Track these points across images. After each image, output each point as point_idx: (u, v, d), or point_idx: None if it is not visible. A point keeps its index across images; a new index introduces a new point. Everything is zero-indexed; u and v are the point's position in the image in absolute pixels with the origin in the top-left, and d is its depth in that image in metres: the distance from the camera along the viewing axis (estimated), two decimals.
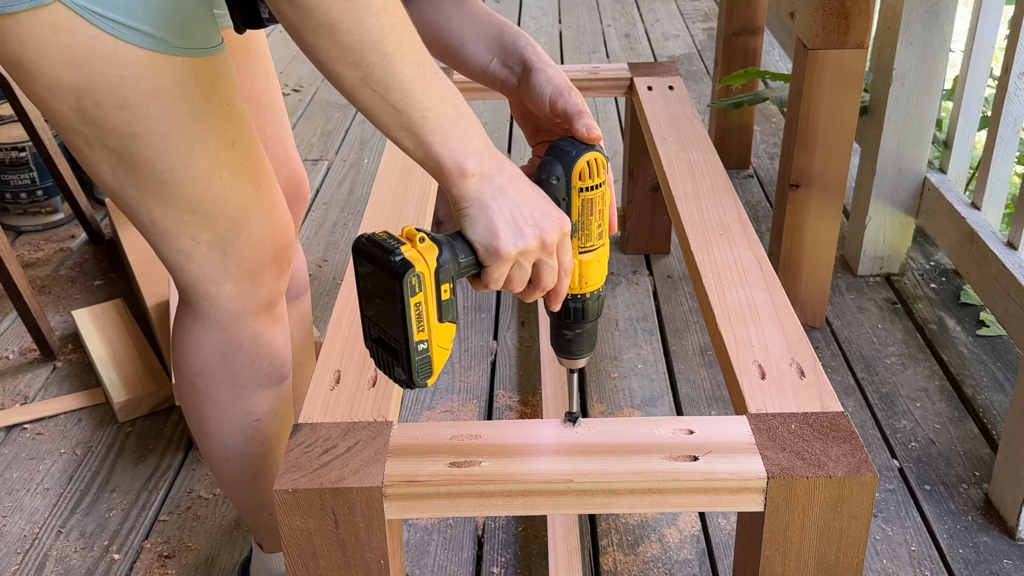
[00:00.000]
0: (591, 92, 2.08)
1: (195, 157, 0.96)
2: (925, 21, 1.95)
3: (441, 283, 0.81)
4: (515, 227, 0.82)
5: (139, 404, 1.83)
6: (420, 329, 0.81)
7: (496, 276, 0.84)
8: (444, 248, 0.81)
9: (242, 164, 1.01)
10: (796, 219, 1.92)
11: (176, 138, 0.94)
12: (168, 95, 0.92)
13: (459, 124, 0.80)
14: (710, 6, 4.27)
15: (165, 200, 0.98)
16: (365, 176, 2.82)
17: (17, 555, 1.54)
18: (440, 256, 0.81)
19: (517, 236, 0.82)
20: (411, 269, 0.78)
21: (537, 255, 0.84)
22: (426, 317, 0.81)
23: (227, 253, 1.03)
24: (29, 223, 2.52)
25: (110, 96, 0.90)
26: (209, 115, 0.96)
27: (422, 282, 0.79)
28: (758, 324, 1.16)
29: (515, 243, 0.82)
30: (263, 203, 1.05)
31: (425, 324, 0.81)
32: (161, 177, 0.96)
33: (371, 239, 0.81)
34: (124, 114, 0.91)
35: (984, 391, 1.84)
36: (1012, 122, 1.82)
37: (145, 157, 0.94)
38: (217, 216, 1.01)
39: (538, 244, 0.83)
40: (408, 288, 0.78)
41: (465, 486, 0.93)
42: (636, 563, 1.49)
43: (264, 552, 1.35)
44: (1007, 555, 1.49)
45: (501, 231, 0.82)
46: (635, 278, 2.25)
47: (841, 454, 0.95)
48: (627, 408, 1.83)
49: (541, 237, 0.83)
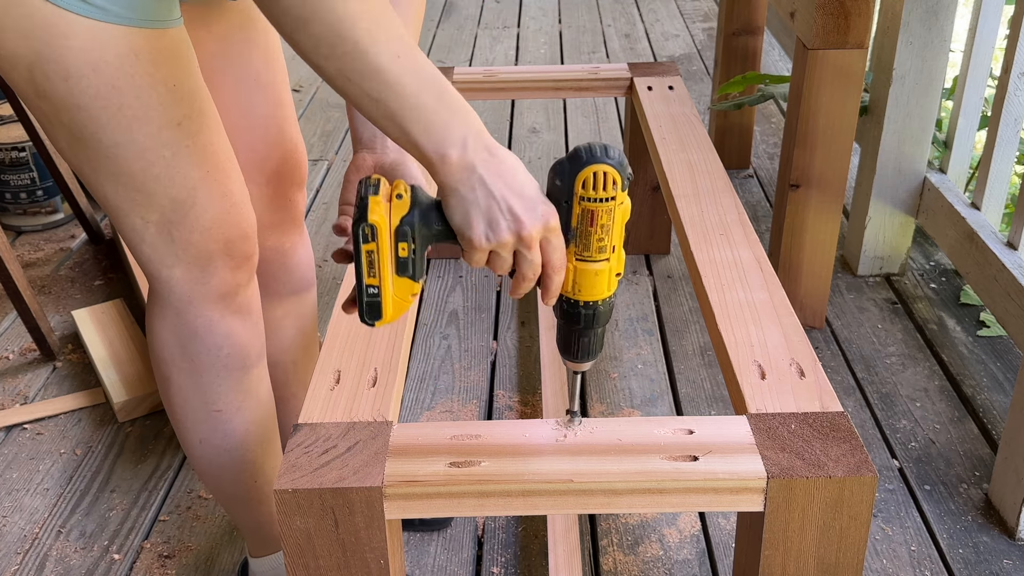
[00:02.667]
0: (591, 92, 2.08)
1: (135, 132, 0.96)
2: (925, 21, 1.95)
3: (399, 241, 0.85)
4: (490, 220, 0.83)
5: (139, 404, 1.83)
6: (371, 275, 0.86)
7: (474, 259, 0.86)
8: (417, 211, 0.85)
9: (188, 146, 1.00)
10: (796, 219, 1.92)
11: (116, 111, 0.94)
12: (108, 67, 0.92)
13: (440, 113, 0.81)
14: (710, 6, 4.27)
15: (113, 176, 0.98)
16: None
17: (17, 555, 1.54)
18: (407, 216, 0.85)
19: (490, 229, 0.83)
20: (363, 220, 0.84)
21: (515, 247, 0.85)
22: (379, 266, 0.86)
23: (174, 236, 1.03)
24: (29, 223, 2.52)
25: (56, 67, 0.91)
26: (151, 91, 0.95)
27: (375, 234, 0.84)
28: (758, 324, 1.16)
29: (487, 236, 0.83)
30: (211, 189, 1.04)
31: (377, 272, 0.86)
32: (107, 152, 0.96)
33: (365, 181, 0.86)
34: (69, 85, 0.92)
35: (984, 391, 1.84)
36: (1012, 122, 1.82)
37: (91, 131, 0.95)
38: (161, 196, 1.01)
39: (514, 238, 0.84)
40: (360, 235, 0.84)
41: (465, 486, 0.93)
42: (636, 563, 1.49)
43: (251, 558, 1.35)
44: (1007, 555, 1.49)
45: (475, 223, 0.83)
46: (635, 278, 2.25)
47: (841, 454, 0.95)
48: (627, 408, 1.83)
49: (518, 231, 0.83)
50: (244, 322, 1.13)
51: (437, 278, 2.26)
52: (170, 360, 1.13)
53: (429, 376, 1.94)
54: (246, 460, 1.20)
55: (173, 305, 1.09)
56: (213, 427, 1.17)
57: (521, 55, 3.82)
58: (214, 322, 1.10)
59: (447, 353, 2.00)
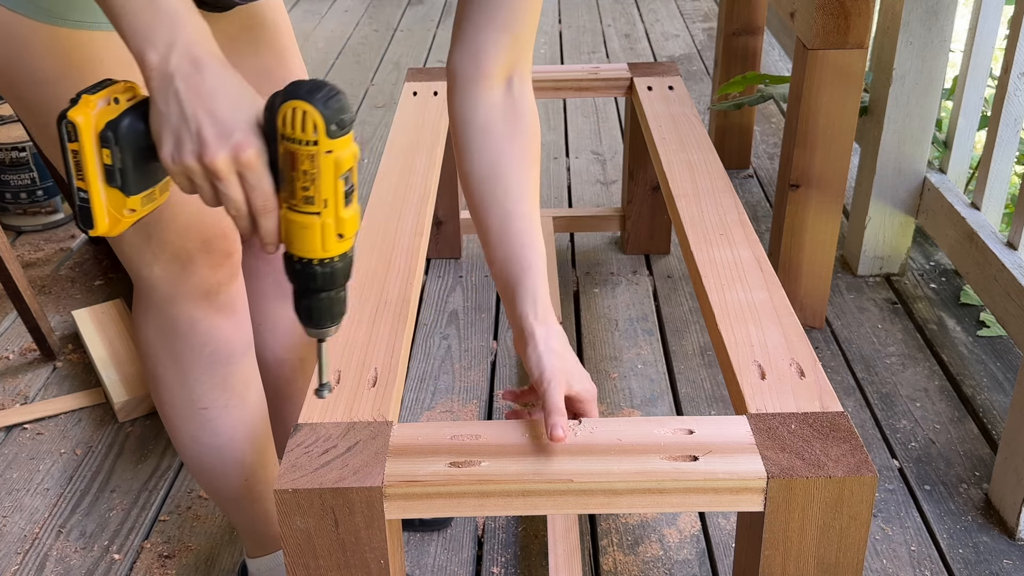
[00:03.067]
0: (591, 92, 2.08)
1: None
2: (925, 21, 1.95)
3: (103, 146, 0.79)
4: (177, 138, 0.77)
5: (139, 404, 1.84)
6: (79, 177, 0.81)
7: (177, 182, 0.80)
8: (127, 119, 0.79)
9: None
10: (796, 219, 1.92)
11: None
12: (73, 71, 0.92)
13: (147, 12, 0.77)
14: (710, 6, 4.27)
15: None
16: (365, 176, 2.82)
17: (17, 555, 1.54)
18: (112, 121, 0.79)
19: (175, 148, 0.77)
20: (64, 116, 0.78)
21: (205, 176, 0.78)
22: (86, 170, 0.80)
23: (151, 234, 1.04)
24: (29, 223, 2.52)
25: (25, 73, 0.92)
26: None
27: (77, 134, 0.79)
28: (758, 324, 1.16)
29: (171, 155, 0.78)
30: None
31: (85, 176, 0.80)
32: None
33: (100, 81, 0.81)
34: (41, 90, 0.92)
35: (984, 391, 1.84)
36: (1012, 122, 1.82)
37: None
38: None
39: (198, 164, 0.77)
40: (62, 131, 0.79)
41: (465, 486, 0.93)
42: (636, 563, 1.49)
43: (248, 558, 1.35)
44: (1007, 555, 1.49)
45: (164, 139, 0.78)
46: (635, 278, 2.25)
47: (841, 454, 0.95)
48: (627, 408, 1.83)
49: (200, 156, 0.76)
50: (228, 320, 1.13)
51: (437, 278, 2.27)
52: (155, 358, 1.14)
53: (429, 376, 1.94)
54: (235, 459, 1.20)
55: (156, 303, 1.10)
56: (200, 425, 1.17)
57: None
58: (196, 320, 1.10)
59: (447, 353, 2.00)
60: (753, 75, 2.27)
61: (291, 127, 0.76)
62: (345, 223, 0.81)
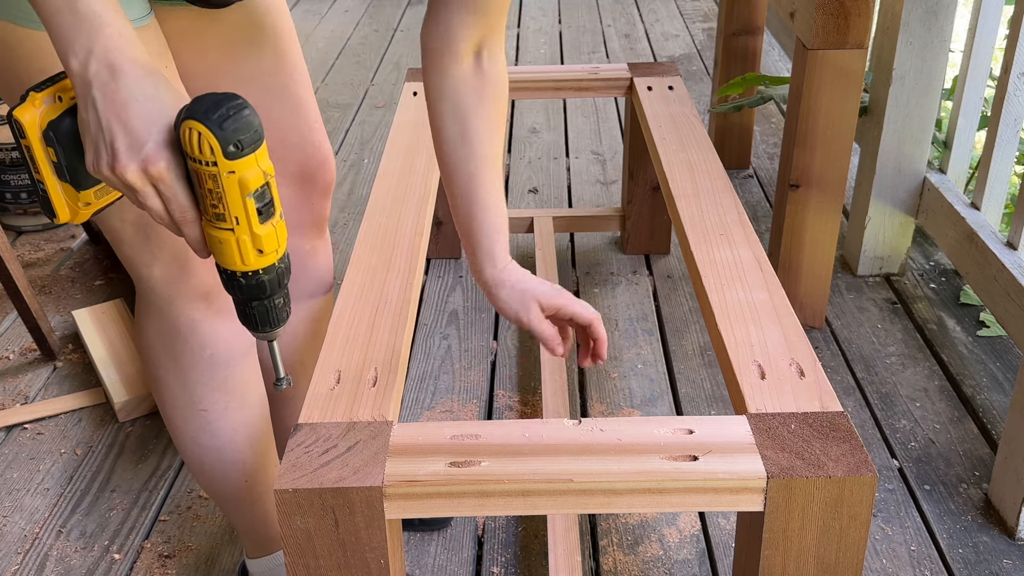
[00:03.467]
0: (591, 92, 2.08)
1: None
2: (925, 21, 1.95)
3: (47, 144, 0.80)
4: (95, 147, 0.77)
5: (139, 404, 1.84)
6: (35, 170, 0.81)
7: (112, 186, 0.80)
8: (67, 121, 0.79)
9: None
10: (796, 219, 1.92)
11: None
12: None
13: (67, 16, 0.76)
14: (710, 6, 4.27)
15: None
16: (365, 176, 2.82)
17: (17, 555, 1.54)
18: (53, 122, 0.79)
19: (95, 157, 0.77)
20: (11, 115, 0.78)
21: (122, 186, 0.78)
22: (40, 163, 0.80)
23: (148, 235, 1.04)
24: (29, 223, 2.52)
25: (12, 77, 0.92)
26: None
27: (23, 131, 0.79)
28: (758, 324, 1.16)
29: (92, 163, 0.78)
30: None
31: (40, 169, 0.81)
32: None
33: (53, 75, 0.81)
34: None
35: (984, 391, 1.84)
36: (1012, 122, 1.82)
37: None
38: None
39: (111, 175, 0.77)
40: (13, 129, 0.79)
41: (465, 486, 0.94)
42: (636, 563, 1.49)
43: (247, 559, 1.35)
44: (1007, 555, 1.49)
45: (86, 146, 0.78)
46: (635, 278, 2.25)
47: (841, 454, 0.95)
48: (627, 408, 1.83)
49: (112, 167, 0.76)
50: (228, 323, 1.13)
51: (437, 278, 2.27)
52: (156, 359, 1.14)
53: (429, 376, 1.94)
54: (235, 460, 1.20)
55: (156, 305, 1.10)
56: (200, 426, 1.17)
57: (521, 55, 3.82)
58: (196, 322, 1.11)
59: (447, 353, 2.00)
60: (752, 76, 2.27)
61: (190, 147, 0.75)
62: (262, 239, 0.80)
